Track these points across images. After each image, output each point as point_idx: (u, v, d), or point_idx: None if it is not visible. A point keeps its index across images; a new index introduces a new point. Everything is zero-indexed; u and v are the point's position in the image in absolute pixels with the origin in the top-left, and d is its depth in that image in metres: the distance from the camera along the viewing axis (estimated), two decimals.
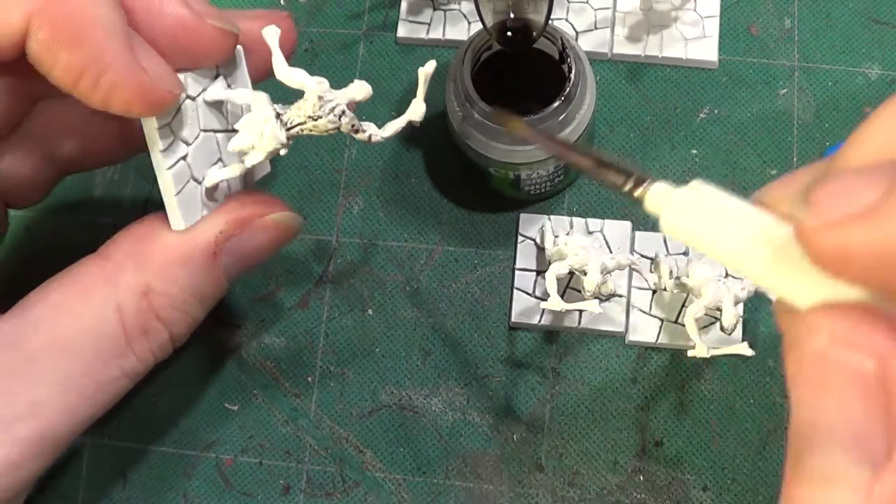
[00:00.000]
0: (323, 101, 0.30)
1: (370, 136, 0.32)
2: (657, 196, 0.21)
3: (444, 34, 0.43)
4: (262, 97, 0.31)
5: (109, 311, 0.30)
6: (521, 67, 0.39)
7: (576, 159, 0.24)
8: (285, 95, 0.31)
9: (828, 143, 0.41)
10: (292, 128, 0.30)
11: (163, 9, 0.28)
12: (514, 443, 0.38)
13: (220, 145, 0.32)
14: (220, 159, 0.32)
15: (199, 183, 0.31)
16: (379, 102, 0.43)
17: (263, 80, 0.33)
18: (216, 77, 0.31)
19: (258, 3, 0.45)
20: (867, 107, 0.41)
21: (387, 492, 0.38)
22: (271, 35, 0.30)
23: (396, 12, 0.44)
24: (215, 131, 0.32)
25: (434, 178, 0.42)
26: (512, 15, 0.36)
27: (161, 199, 0.31)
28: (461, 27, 0.43)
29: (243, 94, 0.31)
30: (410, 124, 0.32)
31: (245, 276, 0.41)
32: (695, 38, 0.42)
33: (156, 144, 0.29)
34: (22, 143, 0.33)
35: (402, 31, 0.43)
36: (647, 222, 0.40)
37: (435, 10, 0.44)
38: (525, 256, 0.40)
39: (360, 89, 0.31)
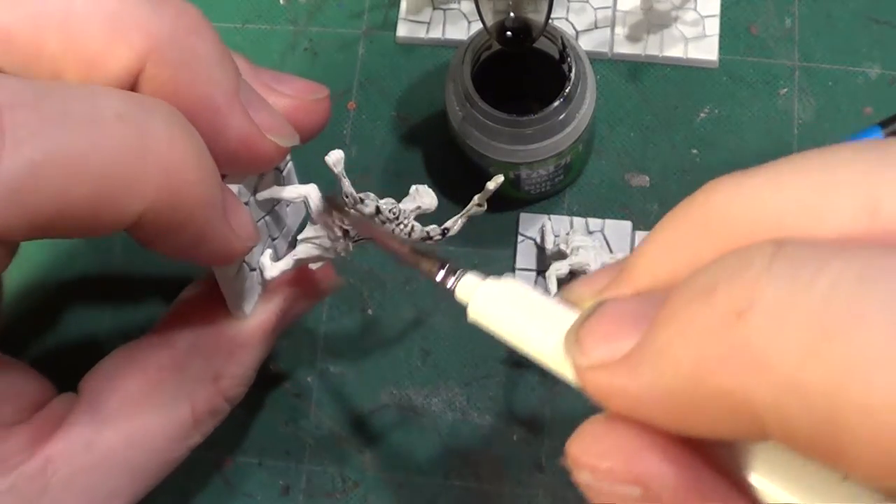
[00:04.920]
0: (394, 225, 0.30)
1: (437, 239, 0.31)
2: (466, 288, 0.22)
3: (444, 34, 0.43)
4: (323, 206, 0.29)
5: (181, 402, 0.30)
6: (521, 67, 0.39)
7: (392, 247, 0.26)
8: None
9: (827, 144, 0.41)
10: (358, 240, 0.30)
11: (227, 125, 0.26)
12: (514, 443, 0.38)
13: (269, 226, 0.31)
14: (270, 237, 0.32)
15: (253, 269, 0.31)
16: (379, 102, 0.43)
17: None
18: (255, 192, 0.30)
19: (259, 4, 0.45)
20: (867, 107, 0.41)
21: (387, 492, 0.38)
22: (336, 161, 0.29)
23: (396, 12, 0.44)
24: (264, 216, 0.31)
25: (434, 178, 0.42)
26: (512, 15, 0.36)
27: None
28: (461, 27, 0.43)
29: (296, 190, 0.30)
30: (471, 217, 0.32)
31: None
32: (695, 38, 0.42)
33: (227, 272, 0.29)
34: None
35: (402, 30, 0.43)
36: (647, 222, 0.40)
37: (435, 9, 0.44)
38: (525, 256, 0.40)
39: (429, 202, 0.31)
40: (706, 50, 0.42)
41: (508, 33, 0.36)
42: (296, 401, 0.40)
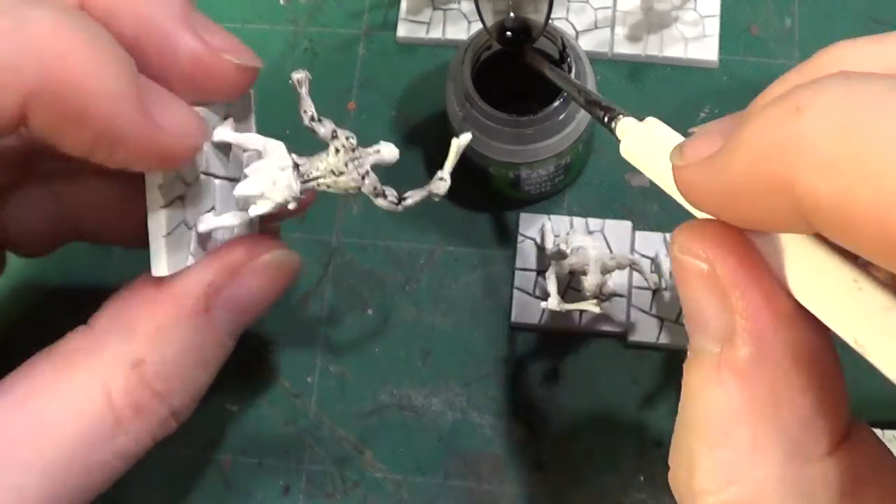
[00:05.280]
0: (349, 157, 0.28)
1: (391, 203, 0.29)
2: (622, 128, 0.26)
3: (444, 34, 0.43)
4: (279, 144, 0.28)
5: (96, 388, 0.27)
6: (521, 67, 0.39)
7: (573, 95, 0.29)
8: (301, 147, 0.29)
9: None
10: (309, 180, 0.28)
11: (177, 45, 0.26)
12: (514, 443, 0.38)
13: (216, 192, 0.30)
14: (213, 207, 0.30)
15: (190, 228, 0.29)
16: (379, 102, 0.43)
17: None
18: (226, 118, 0.29)
19: (259, 4, 0.45)
20: None
21: (387, 492, 0.38)
22: (301, 79, 0.28)
23: (396, 12, 0.44)
24: (215, 176, 0.30)
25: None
26: (512, 15, 0.36)
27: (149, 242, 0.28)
28: (461, 27, 0.43)
29: (255, 138, 0.29)
30: (431, 196, 0.29)
31: None
32: (695, 38, 0.42)
33: (155, 179, 0.27)
34: (38, 194, 0.32)
35: (402, 30, 0.43)
36: (647, 222, 0.40)
37: (435, 9, 0.44)
38: (525, 256, 0.40)
39: (389, 152, 0.28)
40: (706, 50, 0.42)
41: (508, 34, 0.36)
42: (296, 401, 0.40)
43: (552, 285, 0.36)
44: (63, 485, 0.27)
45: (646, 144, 0.25)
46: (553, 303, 0.36)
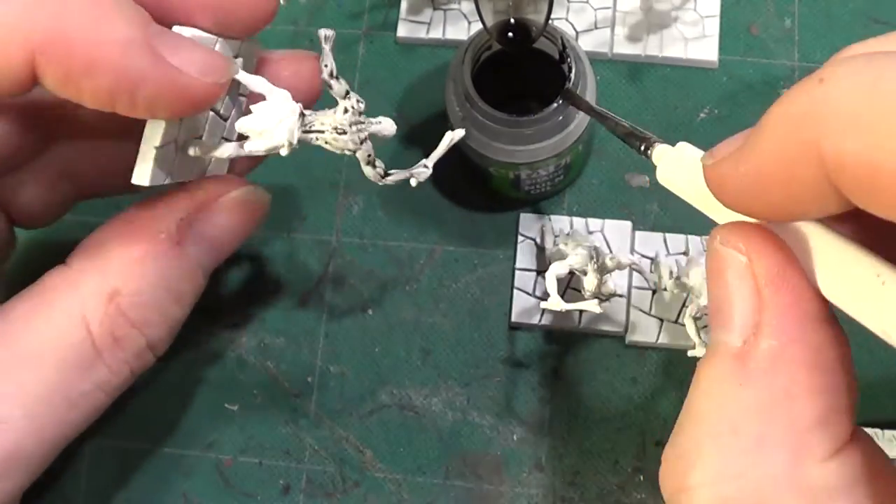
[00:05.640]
0: (354, 119, 0.29)
1: (377, 173, 0.30)
2: (657, 155, 0.26)
3: (444, 34, 0.43)
4: (286, 92, 0.29)
5: (74, 320, 0.28)
6: (521, 67, 0.39)
7: (609, 126, 0.30)
8: None
9: None
10: (311, 131, 0.29)
11: (144, 77, 0.26)
12: (514, 443, 0.38)
13: (207, 123, 0.30)
14: (201, 136, 0.30)
15: (178, 150, 0.29)
16: (379, 102, 0.43)
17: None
18: (235, 58, 0.30)
19: None
20: None
21: (387, 492, 0.38)
22: (328, 35, 0.29)
23: (396, 12, 0.44)
24: (212, 110, 0.30)
25: (434, 178, 0.42)
26: (512, 15, 0.36)
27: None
28: (461, 27, 0.43)
29: (264, 82, 0.29)
30: (410, 178, 0.31)
31: (245, 276, 0.42)
32: (695, 38, 0.42)
33: None
34: (38, 168, 0.32)
35: (402, 30, 0.43)
36: (647, 222, 0.40)
37: (435, 9, 0.44)
38: (525, 256, 0.40)
39: (389, 125, 0.30)
40: (706, 50, 0.42)
41: (508, 34, 0.36)
42: (296, 401, 0.40)
43: (552, 285, 0.36)
44: (47, 415, 0.28)
45: (679, 168, 0.25)
46: (553, 303, 0.36)
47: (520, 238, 0.40)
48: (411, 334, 0.40)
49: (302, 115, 0.29)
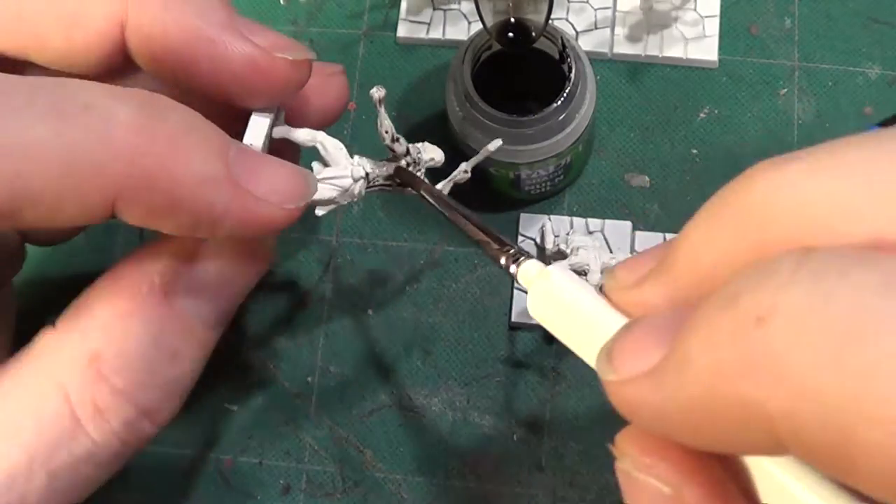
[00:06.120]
0: (412, 166, 0.30)
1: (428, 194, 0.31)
2: (525, 276, 0.23)
3: (444, 34, 0.43)
4: (340, 146, 0.29)
5: (51, 388, 0.26)
6: (521, 67, 0.39)
7: (465, 228, 0.26)
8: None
9: None
10: (374, 187, 0.30)
11: (228, 52, 0.26)
12: (514, 443, 0.38)
13: None
14: None
15: None
16: None
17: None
18: (277, 112, 0.29)
19: (259, 4, 0.45)
20: (867, 107, 0.41)
21: (387, 492, 0.38)
22: (381, 97, 0.29)
23: (396, 12, 0.44)
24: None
25: (433, 177, 0.42)
26: (512, 15, 0.36)
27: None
28: (461, 27, 0.43)
29: (314, 134, 0.29)
30: (455, 183, 0.32)
31: None
32: (695, 38, 0.42)
33: None
34: None
35: (402, 30, 0.43)
36: (647, 222, 0.40)
37: (435, 9, 0.44)
38: None
39: (439, 156, 0.31)
40: (706, 50, 0.42)
41: (508, 34, 0.36)
42: (296, 401, 0.40)
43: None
44: (27, 486, 0.26)
45: (553, 304, 0.21)
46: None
47: (520, 238, 0.40)
48: (411, 334, 0.40)
49: (366, 175, 0.29)
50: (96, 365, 0.26)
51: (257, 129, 0.28)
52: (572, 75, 0.36)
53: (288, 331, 0.40)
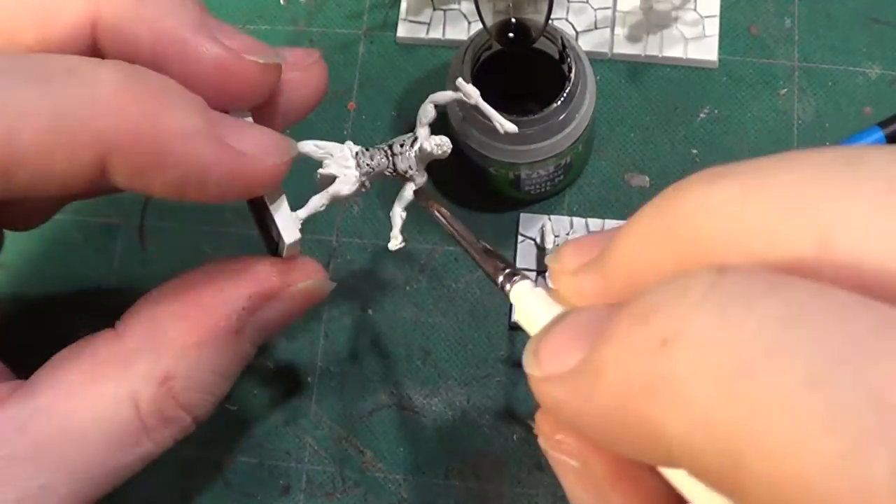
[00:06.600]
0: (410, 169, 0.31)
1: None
2: (516, 295, 0.24)
3: (444, 34, 0.43)
4: (346, 150, 0.30)
5: (123, 400, 0.28)
6: (521, 67, 0.39)
7: (465, 245, 0.28)
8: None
9: (827, 144, 0.41)
10: (374, 173, 0.31)
11: (198, 53, 0.26)
12: (514, 443, 0.38)
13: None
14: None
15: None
16: (379, 102, 0.43)
17: (291, 124, 0.31)
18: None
19: (259, 4, 0.45)
20: (867, 107, 0.41)
21: (387, 492, 0.38)
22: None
23: (396, 12, 0.44)
24: None
25: (434, 178, 0.42)
26: (512, 15, 0.36)
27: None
28: (461, 27, 0.43)
29: (327, 155, 0.30)
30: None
31: None
32: (695, 38, 0.42)
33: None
34: None
35: (402, 30, 0.43)
36: None
37: (435, 9, 0.44)
38: (525, 256, 0.40)
39: (443, 148, 0.31)
40: (706, 50, 0.42)
41: (509, 34, 0.36)
42: (296, 401, 0.40)
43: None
44: (88, 486, 0.28)
45: (527, 318, 0.22)
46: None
47: (520, 238, 0.40)
48: (411, 334, 0.40)
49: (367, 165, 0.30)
50: (169, 384, 0.28)
51: None
52: (572, 75, 0.36)
53: (287, 331, 0.40)
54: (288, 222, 0.29)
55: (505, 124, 0.31)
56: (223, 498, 0.39)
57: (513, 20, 0.36)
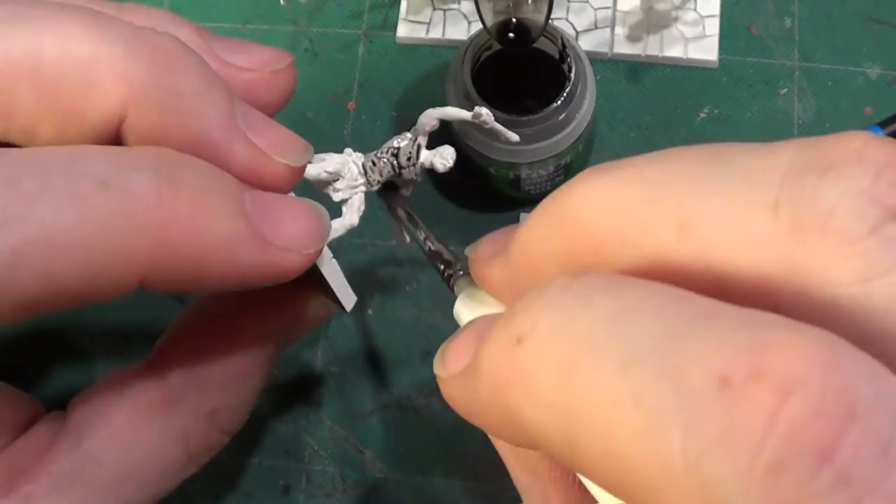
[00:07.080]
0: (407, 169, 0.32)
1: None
2: (458, 289, 0.25)
3: (444, 34, 0.43)
4: (353, 167, 0.31)
5: (175, 439, 0.29)
6: (521, 67, 0.39)
7: (417, 238, 0.30)
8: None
9: None
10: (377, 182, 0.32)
11: (229, 158, 0.25)
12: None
13: None
14: None
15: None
16: (379, 102, 0.43)
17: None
18: None
19: (259, 4, 0.45)
20: (867, 107, 0.41)
21: (387, 492, 0.38)
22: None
23: (396, 12, 0.44)
24: None
25: (434, 177, 0.42)
26: (512, 15, 0.36)
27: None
28: (461, 27, 0.43)
29: (336, 171, 0.31)
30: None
31: None
32: (695, 38, 0.42)
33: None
34: None
35: (402, 30, 0.43)
36: None
37: (435, 9, 0.44)
38: None
39: (449, 164, 0.31)
40: (706, 50, 0.42)
41: (509, 34, 0.36)
42: (296, 401, 0.40)
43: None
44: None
45: (466, 315, 0.24)
46: None
47: None
48: (411, 334, 0.40)
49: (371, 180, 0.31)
50: (214, 416, 0.30)
51: None
52: (572, 75, 0.36)
53: None
54: (342, 287, 0.30)
55: (510, 136, 0.31)
56: (223, 498, 0.39)
57: (513, 20, 0.36)
